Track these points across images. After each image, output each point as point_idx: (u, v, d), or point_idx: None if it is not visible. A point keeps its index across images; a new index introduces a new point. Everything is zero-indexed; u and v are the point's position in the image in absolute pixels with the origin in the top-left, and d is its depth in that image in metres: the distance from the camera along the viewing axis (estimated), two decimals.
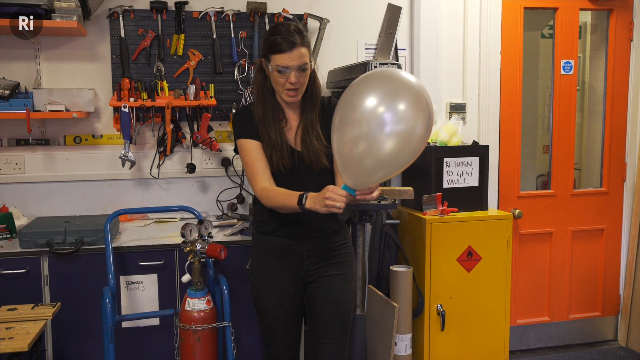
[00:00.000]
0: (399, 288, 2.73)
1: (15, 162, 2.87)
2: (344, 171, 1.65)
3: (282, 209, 1.91)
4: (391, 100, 1.55)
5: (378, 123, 1.53)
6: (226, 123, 3.06)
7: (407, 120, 1.54)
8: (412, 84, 1.60)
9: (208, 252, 2.23)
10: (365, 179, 1.64)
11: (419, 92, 1.58)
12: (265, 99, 2.00)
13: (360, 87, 1.62)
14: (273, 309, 2.05)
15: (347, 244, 2.12)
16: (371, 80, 1.63)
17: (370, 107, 1.55)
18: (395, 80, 1.60)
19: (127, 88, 2.81)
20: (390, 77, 1.62)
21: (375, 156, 1.56)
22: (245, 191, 3.09)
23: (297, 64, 1.89)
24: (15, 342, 1.87)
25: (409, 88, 1.58)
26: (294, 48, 1.88)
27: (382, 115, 1.53)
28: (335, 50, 3.17)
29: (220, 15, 2.99)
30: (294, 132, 2.01)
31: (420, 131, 1.57)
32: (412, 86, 1.59)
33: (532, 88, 3.66)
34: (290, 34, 1.89)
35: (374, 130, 1.54)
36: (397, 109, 1.54)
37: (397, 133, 1.54)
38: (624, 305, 3.59)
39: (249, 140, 1.98)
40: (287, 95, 1.94)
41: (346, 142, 1.60)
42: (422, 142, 1.60)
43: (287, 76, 1.90)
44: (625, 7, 3.47)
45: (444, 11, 3.26)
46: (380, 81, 1.61)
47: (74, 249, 2.41)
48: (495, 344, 2.93)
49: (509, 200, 3.41)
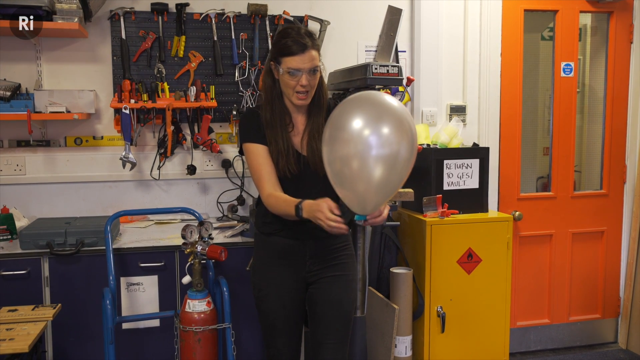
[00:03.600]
0: (399, 290, 2.73)
1: (16, 163, 2.87)
2: (342, 191, 1.70)
3: (285, 217, 1.92)
4: (376, 123, 1.61)
5: (364, 146, 1.59)
6: (227, 125, 3.07)
7: (392, 144, 1.60)
8: (395, 108, 1.65)
9: (208, 254, 2.23)
10: (365, 205, 1.69)
11: (401, 116, 1.64)
12: (273, 103, 2.00)
13: (348, 107, 1.67)
14: (274, 309, 2.05)
15: (348, 246, 2.13)
16: (358, 102, 1.68)
17: (357, 128, 1.60)
18: (379, 104, 1.66)
19: (127, 89, 2.82)
20: (375, 101, 1.67)
21: (367, 182, 1.62)
22: (246, 193, 3.10)
23: (308, 67, 1.91)
24: (15, 343, 1.87)
25: (392, 112, 1.64)
26: (305, 50, 1.89)
27: (368, 138, 1.59)
28: (336, 52, 3.18)
29: (221, 17, 3.00)
30: (300, 137, 2.02)
31: (404, 154, 1.62)
32: (395, 110, 1.64)
33: (532, 90, 3.67)
34: (301, 36, 1.91)
35: (362, 153, 1.60)
36: (382, 133, 1.59)
37: (383, 157, 1.60)
38: (624, 308, 3.59)
39: (255, 144, 1.99)
40: (298, 98, 1.95)
41: (337, 160, 1.66)
42: (408, 164, 1.66)
43: (298, 79, 1.91)
44: (625, 10, 3.47)
45: (444, 13, 3.26)
46: (366, 104, 1.67)
47: (74, 250, 2.42)
48: (495, 346, 2.93)
49: (509, 202, 3.41)
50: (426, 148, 2.93)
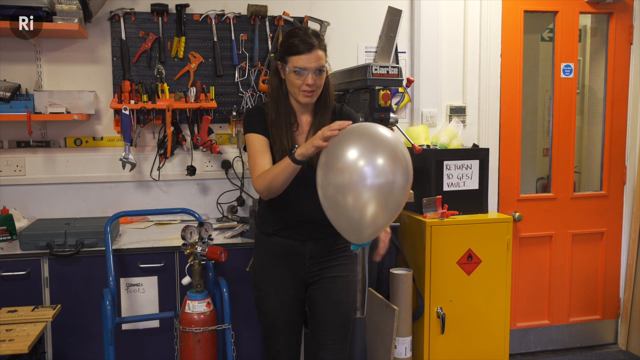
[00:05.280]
0: (398, 291, 2.73)
1: (16, 164, 2.87)
2: (336, 219, 1.71)
3: (278, 179, 1.86)
4: (370, 154, 1.63)
5: (359, 176, 1.61)
6: (226, 125, 3.07)
7: (387, 173, 1.62)
8: (388, 139, 1.68)
9: (208, 255, 2.23)
10: (360, 232, 1.70)
11: (395, 147, 1.66)
12: (279, 102, 2.01)
13: (344, 139, 1.68)
14: (274, 309, 2.05)
15: (348, 247, 2.13)
16: (354, 134, 1.70)
17: (351, 159, 1.63)
18: (373, 136, 1.68)
19: (127, 90, 2.82)
20: (369, 133, 1.69)
21: (360, 212, 1.64)
22: (246, 194, 3.09)
23: (314, 66, 1.91)
24: (15, 344, 1.87)
25: (386, 143, 1.66)
26: (312, 50, 1.91)
27: (363, 168, 1.61)
28: (336, 53, 3.17)
29: (221, 18, 3.00)
30: (304, 136, 2.02)
31: (400, 182, 1.65)
32: (389, 141, 1.67)
33: (532, 91, 3.67)
34: (308, 36, 1.92)
35: (357, 183, 1.62)
36: (376, 163, 1.62)
37: (378, 186, 1.62)
38: (624, 309, 3.58)
39: (257, 135, 2.00)
40: (304, 95, 1.95)
41: (330, 185, 1.67)
42: (404, 192, 1.68)
43: (305, 78, 1.92)
44: (625, 11, 3.47)
45: (444, 14, 3.26)
46: (360, 136, 1.69)
47: (74, 251, 2.41)
48: (495, 347, 2.93)
49: (509, 203, 3.41)
50: (426, 149, 2.93)
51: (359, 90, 2.63)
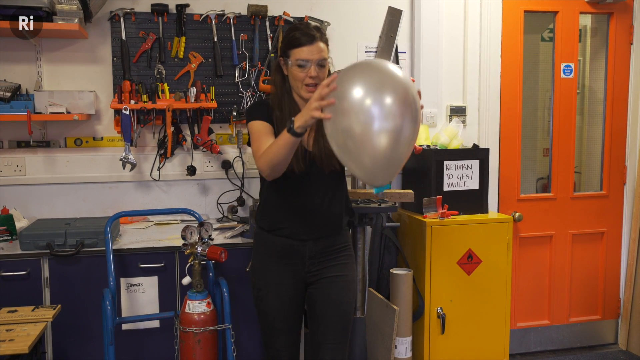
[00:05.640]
0: (399, 291, 2.73)
1: (16, 164, 2.87)
2: (349, 163, 1.66)
3: (279, 155, 1.81)
4: (377, 92, 1.56)
5: (366, 116, 1.54)
6: (227, 126, 3.07)
7: (395, 116, 1.55)
8: (398, 77, 1.60)
9: (208, 255, 2.23)
10: (377, 176, 1.65)
11: (405, 87, 1.59)
12: (283, 99, 2.01)
13: (350, 75, 1.62)
14: (274, 309, 2.05)
15: (348, 247, 2.13)
16: (359, 69, 1.64)
17: (357, 97, 1.55)
18: (381, 72, 1.61)
19: (127, 90, 2.82)
20: (377, 69, 1.62)
21: (371, 155, 1.58)
22: (246, 194, 3.09)
23: (316, 58, 1.92)
24: (15, 344, 1.87)
25: (395, 81, 1.59)
26: (314, 41, 1.91)
27: (369, 108, 1.54)
28: (336, 52, 3.14)
29: (221, 18, 3.00)
30: (307, 133, 2.01)
31: (408, 127, 1.58)
32: (399, 80, 1.60)
33: (532, 91, 3.67)
34: (309, 29, 1.94)
35: (364, 126, 1.54)
36: (384, 103, 1.54)
37: (386, 130, 1.55)
38: (624, 309, 3.58)
39: (260, 121, 1.98)
40: (307, 91, 1.94)
41: (339, 132, 1.61)
42: (413, 135, 1.62)
43: (307, 70, 1.92)
44: (625, 11, 3.47)
45: (445, 14, 3.26)
46: (368, 71, 1.62)
47: (74, 251, 2.41)
48: (496, 347, 2.93)
49: (509, 203, 3.41)
50: (426, 149, 2.93)
51: None
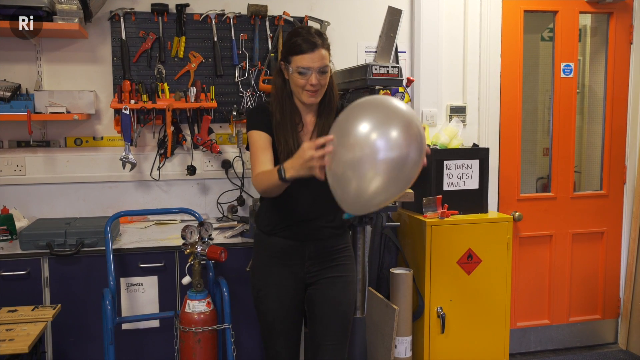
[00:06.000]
0: (399, 290, 2.73)
1: (16, 164, 2.87)
2: (342, 197, 1.64)
3: (271, 189, 1.85)
4: (383, 127, 1.55)
5: (372, 149, 1.53)
6: (227, 125, 3.07)
7: (401, 147, 1.54)
8: (403, 111, 1.59)
9: (208, 254, 2.23)
10: (365, 205, 1.64)
11: (410, 120, 1.58)
12: (283, 103, 1.99)
13: (354, 112, 1.62)
14: (273, 309, 2.05)
15: (347, 247, 2.13)
16: (364, 107, 1.63)
17: (363, 133, 1.54)
18: (386, 107, 1.61)
19: (127, 90, 2.82)
20: (382, 105, 1.62)
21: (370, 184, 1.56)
22: (246, 193, 3.10)
23: (318, 66, 1.89)
24: (15, 344, 1.87)
25: (400, 116, 1.58)
26: (315, 49, 1.88)
27: (375, 142, 1.53)
28: (336, 52, 3.12)
29: (221, 18, 3.00)
30: (309, 137, 2.01)
31: (414, 156, 1.56)
32: (403, 114, 1.59)
33: (532, 91, 3.67)
34: (311, 35, 1.90)
35: (368, 156, 1.53)
36: (390, 136, 1.53)
37: (391, 159, 1.53)
38: (624, 308, 3.59)
39: (259, 132, 1.98)
40: (308, 95, 1.94)
41: (340, 163, 1.59)
42: (416, 167, 1.60)
43: (308, 78, 1.90)
44: (625, 10, 3.47)
45: (444, 14, 3.27)
46: (373, 109, 1.61)
47: (74, 251, 2.41)
48: (496, 346, 2.93)
49: (509, 203, 3.41)
50: None
51: (359, 90, 2.63)
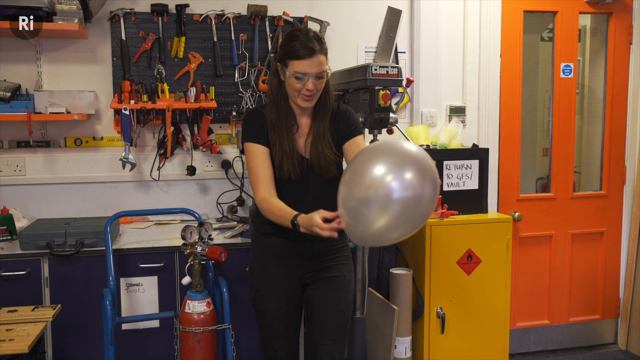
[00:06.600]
0: (398, 291, 2.73)
1: (16, 164, 2.87)
2: (353, 228, 1.66)
3: (276, 221, 1.92)
4: (398, 170, 1.57)
5: (386, 190, 1.55)
6: (226, 125, 3.07)
7: (415, 187, 1.56)
8: (415, 153, 1.62)
9: (208, 255, 2.23)
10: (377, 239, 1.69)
11: (423, 162, 1.60)
12: (279, 104, 1.99)
13: (370, 155, 1.64)
14: (272, 310, 2.05)
15: (345, 247, 2.13)
16: (380, 150, 1.66)
17: (379, 175, 1.57)
18: (400, 152, 1.63)
19: (127, 90, 2.82)
20: (397, 149, 1.64)
21: (384, 222, 1.59)
22: (245, 194, 3.10)
23: (315, 71, 1.89)
24: (15, 344, 1.87)
25: (413, 157, 1.60)
26: (313, 55, 1.87)
27: (390, 183, 1.55)
28: (336, 53, 3.17)
29: (220, 18, 3.00)
30: (304, 139, 2.01)
31: (429, 194, 1.59)
32: (416, 155, 1.61)
33: (531, 91, 3.67)
34: (309, 40, 1.88)
35: (384, 197, 1.56)
36: (405, 178, 1.56)
37: (406, 198, 1.56)
38: (624, 309, 3.59)
39: (256, 145, 1.98)
40: (303, 99, 1.94)
41: (353, 199, 1.61)
42: (431, 204, 1.62)
43: (305, 83, 1.89)
44: (624, 11, 3.48)
45: (444, 14, 3.27)
46: (388, 152, 1.63)
47: (74, 251, 2.41)
48: (495, 347, 2.93)
49: (508, 203, 3.41)
50: (426, 149, 2.93)
51: (359, 90, 2.64)
